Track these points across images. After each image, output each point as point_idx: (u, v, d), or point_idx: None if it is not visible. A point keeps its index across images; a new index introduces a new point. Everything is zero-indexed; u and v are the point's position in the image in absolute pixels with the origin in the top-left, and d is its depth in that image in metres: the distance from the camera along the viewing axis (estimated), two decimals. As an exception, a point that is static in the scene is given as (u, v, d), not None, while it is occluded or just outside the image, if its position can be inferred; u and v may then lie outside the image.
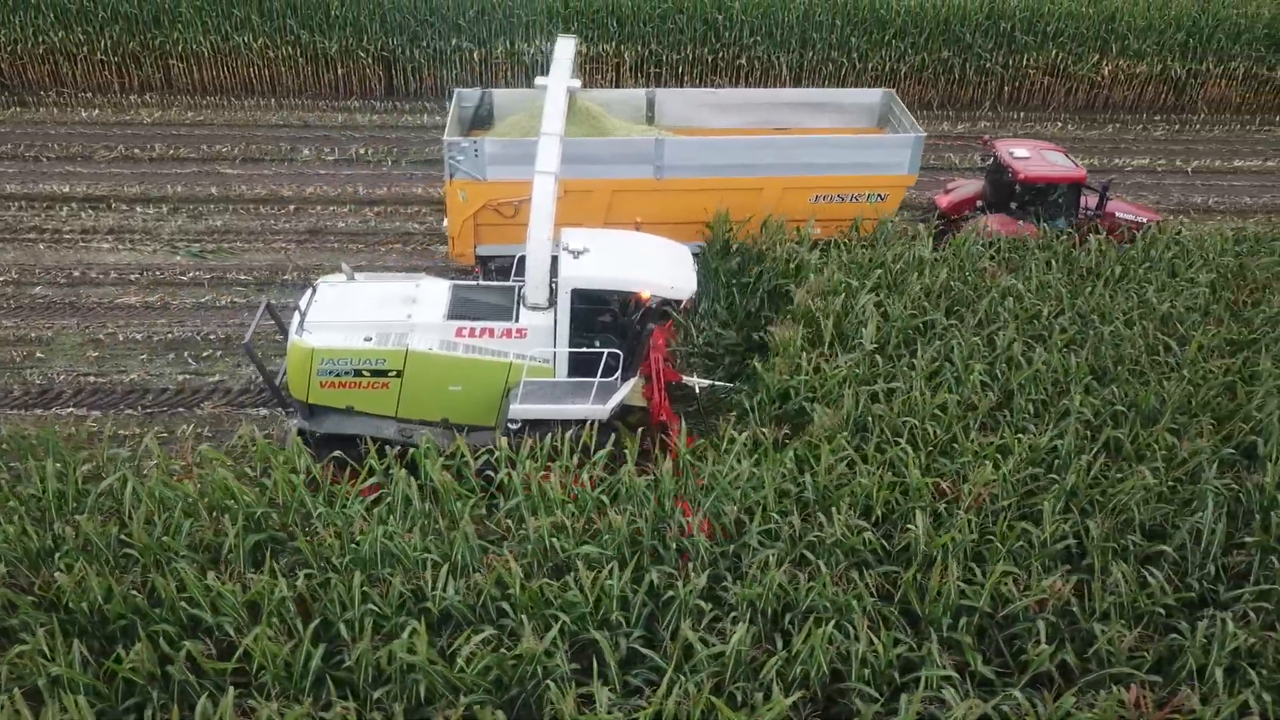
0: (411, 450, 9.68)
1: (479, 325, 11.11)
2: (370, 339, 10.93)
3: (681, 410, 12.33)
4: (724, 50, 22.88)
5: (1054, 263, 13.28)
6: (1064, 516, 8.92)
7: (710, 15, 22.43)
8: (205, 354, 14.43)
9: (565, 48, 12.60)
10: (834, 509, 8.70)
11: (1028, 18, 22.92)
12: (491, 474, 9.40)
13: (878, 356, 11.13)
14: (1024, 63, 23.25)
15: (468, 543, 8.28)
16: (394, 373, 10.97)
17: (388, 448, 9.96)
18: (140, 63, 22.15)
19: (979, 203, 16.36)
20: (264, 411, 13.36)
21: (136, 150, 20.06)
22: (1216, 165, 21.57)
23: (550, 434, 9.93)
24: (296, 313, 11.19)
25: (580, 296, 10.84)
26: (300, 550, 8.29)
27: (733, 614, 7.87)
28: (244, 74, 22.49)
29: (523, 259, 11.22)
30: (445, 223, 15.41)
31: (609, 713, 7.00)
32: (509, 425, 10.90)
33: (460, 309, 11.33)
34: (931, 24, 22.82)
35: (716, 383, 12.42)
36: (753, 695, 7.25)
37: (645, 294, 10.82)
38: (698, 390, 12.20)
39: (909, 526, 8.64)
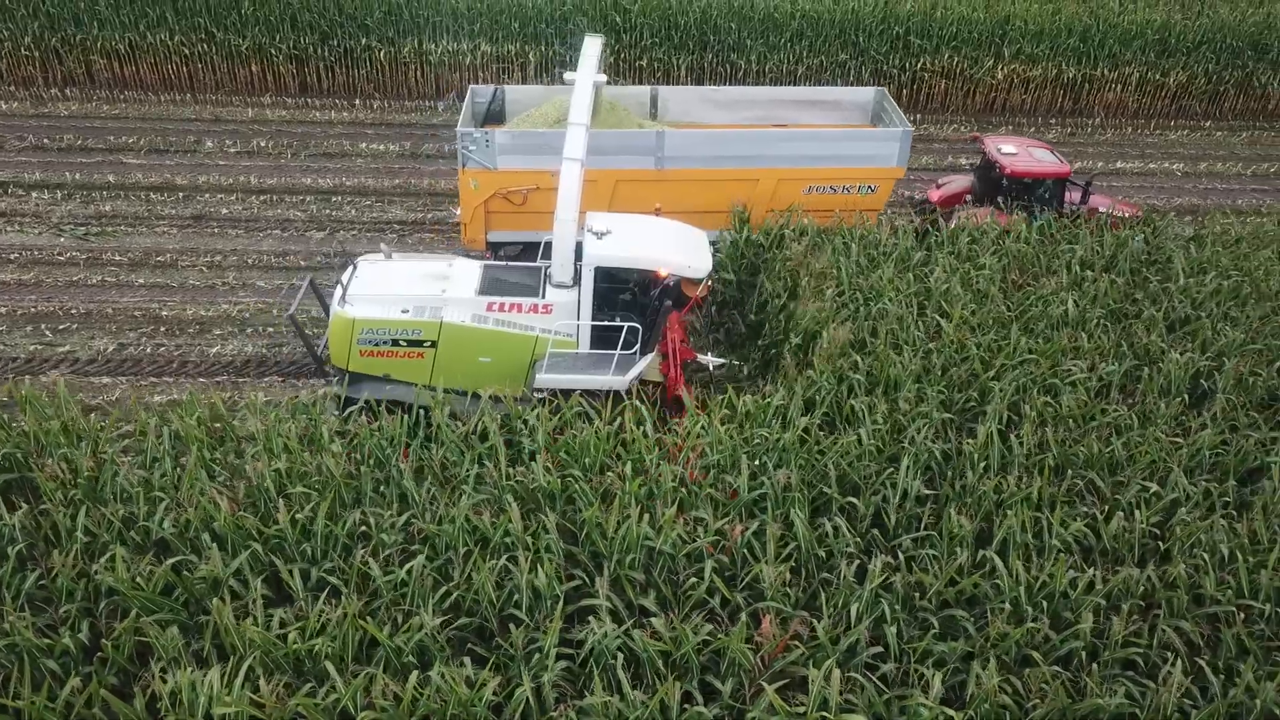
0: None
1: (508, 301, 11.96)
2: (407, 311, 11.80)
3: (696, 385, 12.97)
4: (625, 51, 23.62)
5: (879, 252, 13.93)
6: (759, 468, 9.53)
7: (610, 17, 23.17)
8: (63, 327, 15.20)
9: (593, 45, 13.39)
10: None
11: (920, 22, 23.54)
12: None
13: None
14: (919, 66, 23.87)
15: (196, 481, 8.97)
16: (429, 343, 11.84)
17: None
18: (62, 58, 23.06)
19: (968, 197, 17.09)
20: (107, 380, 14.10)
21: (46, 140, 20.95)
22: (1099, 167, 22.08)
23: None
24: (338, 287, 12.10)
25: (603, 275, 11.71)
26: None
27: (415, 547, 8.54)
28: (162, 70, 23.36)
29: (548, 244, 12.04)
30: (458, 210, 16.23)
31: (280, 625, 7.67)
32: (535, 393, 11.65)
33: (491, 286, 12.21)
34: (827, 28, 23.48)
35: (729, 360, 12.98)
36: (413, 616, 7.88)
37: (664, 272, 11.68)
38: (711, 368, 12.84)
39: (616, 474, 9.30)
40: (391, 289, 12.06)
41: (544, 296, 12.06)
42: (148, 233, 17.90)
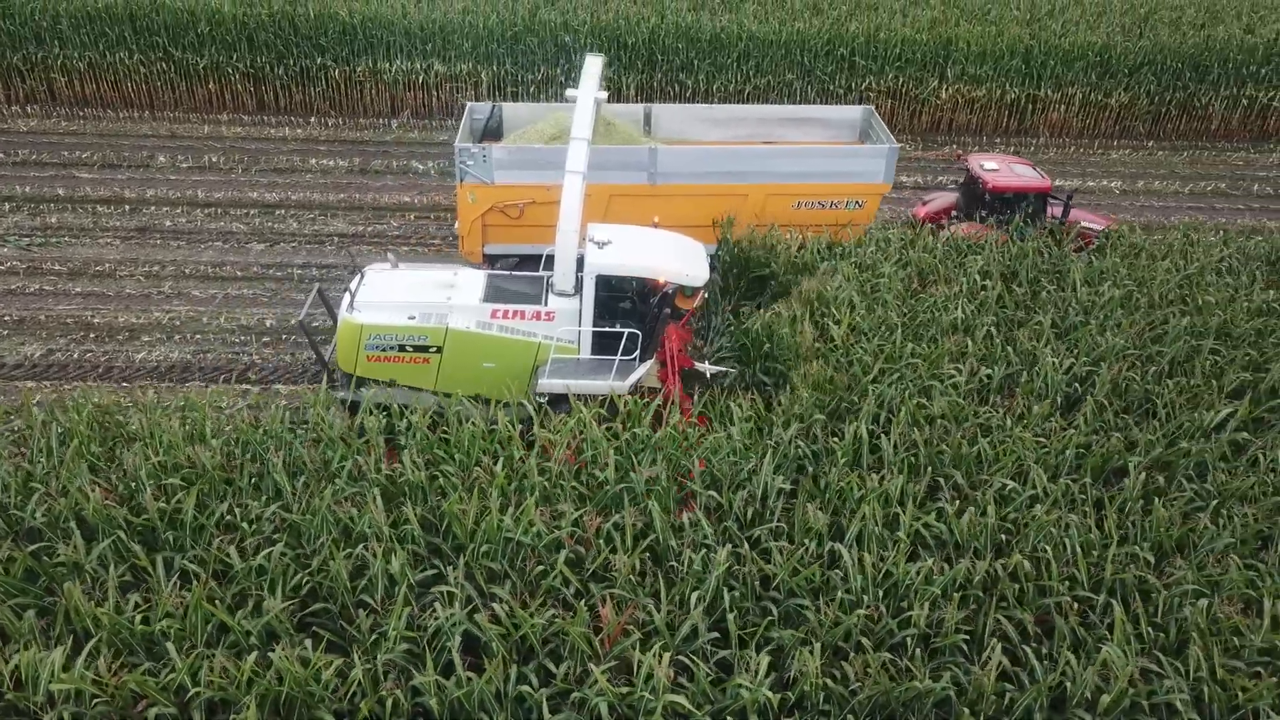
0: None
1: (511, 308, 12.33)
2: (414, 317, 12.16)
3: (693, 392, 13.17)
4: (575, 71, 24.04)
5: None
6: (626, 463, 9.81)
7: (560, 38, 23.66)
8: (-6, 333, 15.58)
9: (594, 64, 13.85)
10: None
11: (865, 43, 24.01)
12: None
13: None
14: (864, 86, 24.31)
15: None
16: (434, 349, 12.19)
17: None
18: (24, 76, 23.57)
19: (954, 212, 17.42)
20: (31, 384, 14.41)
21: (2, 155, 21.39)
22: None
23: None
24: (347, 294, 12.48)
25: (603, 283, 12.09)
26: None
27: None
28: (122, 88, 23.86)
29: (551, 256, 12.47)
30: (456, 224, 16.65)
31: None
32: (537, 398, 11.98)
33: (495, 294, 12.62)
34: (774, 49, 23.96)
35: (726, 369, 13.28)
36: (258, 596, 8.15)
37: (662, 280, 12.06)
38: (709, 375, 13.14)
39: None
40: (398, 296, 12.45)
41: (546, 304, 12.44)
42: (91, 244, 18.27)
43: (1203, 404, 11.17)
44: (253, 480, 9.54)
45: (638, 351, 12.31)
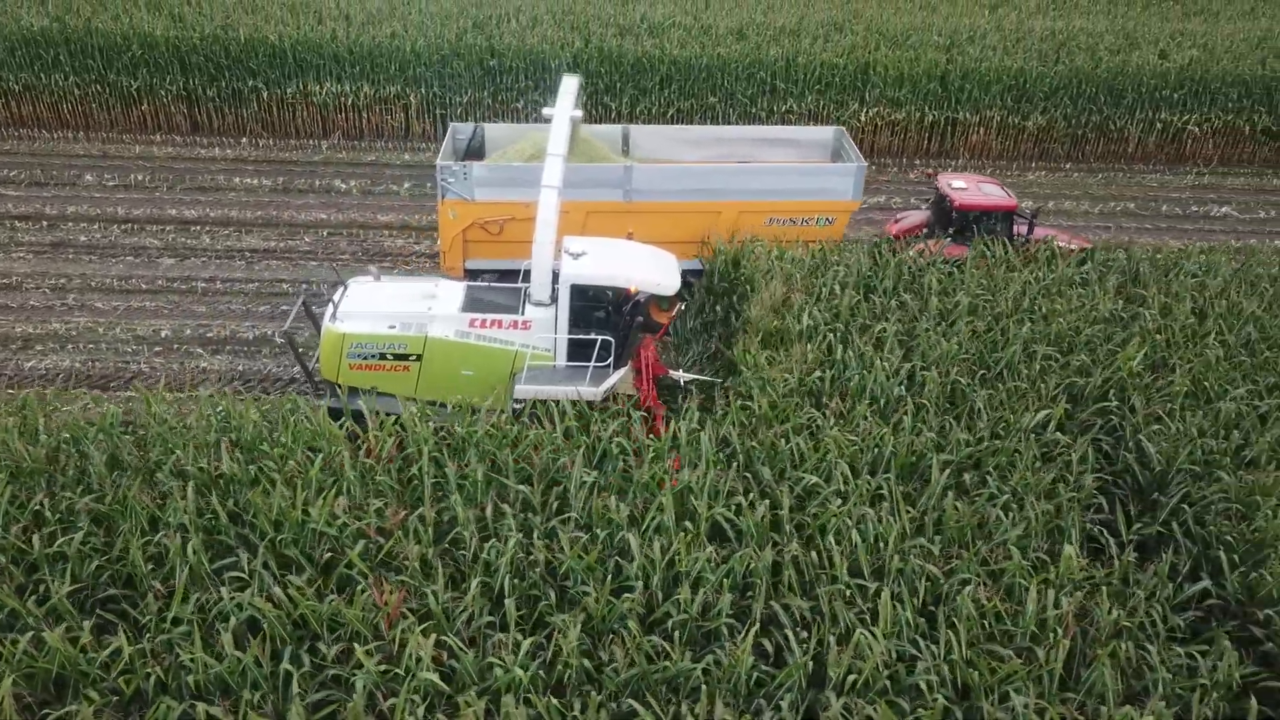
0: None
1: (489, 317, 12.75)
2: (394, 327, 12.59)
3: (666, 399, 13.60)
4: (502, 94, 24.66)
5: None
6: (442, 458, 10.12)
7: (485, 61, 24.24)
8: (-109, 342, 15.92)
9: (569, 84, 14.35)
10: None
11: (785, 67, 24.58)
12: None
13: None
14: (784, 109, 24.85)
15: None
16: (414, 357, 12.59)
17: None
18: (-40, 98, 24.15)
19: (924, 229, 17.91)
20: (-82, 390, 14.74)
21: (-68, 174, 21.90)
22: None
23: None
24: (330, 305, 12.93)
25: (578, 293, 12.50)
26: None
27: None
28: (58, 109, 24.41)
29: (529, 271, 12.93)
30: (438, 240, 17.16)
31: None
32: (514, 404, 12.33)
33: (473, 304, 13.06)
34: (696, 72, 24.52)
35: (699, 376, 13.68)
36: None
37: (634, 289, 12.46)
38: (682, 383, 13.49)
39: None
40: (380, 306, 12.87)
41: (524, 313, 12.85)
42: (3, 258, 18.67)
43: (1030, 406, 11.50)
44: (74, 475, 9.82)
45: (611, 358, 12.67)
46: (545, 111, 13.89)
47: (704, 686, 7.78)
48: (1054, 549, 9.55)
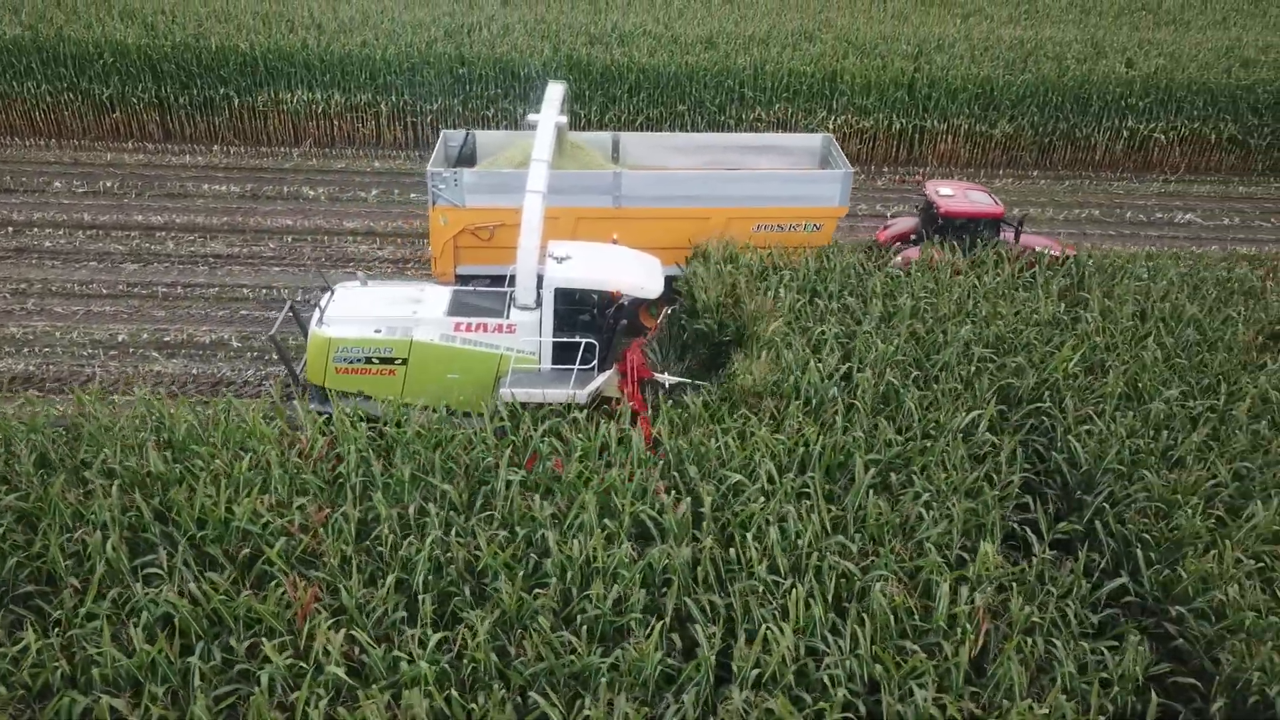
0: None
1: (474, 321, 12.86)
2: (380, 331, 12.70)
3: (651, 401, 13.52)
4: (473, 102, 24.82)
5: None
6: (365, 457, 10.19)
7: (455, 69, 24.41)
8: None
9: (555, 90, 14.47)
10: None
11: (753, 76, 24.76)
12: None
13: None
14: (753, 117, 25.01)
15: None
16: (400, 360, 12.68)
17: None
18: (-67, 106, 24.28)
19: (912, 236, 18.07)
20: None
21: (-99, 180, 22.02)
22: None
23: None
24: (317, 310, 13.04)
25: (562, 296, 12.62)
26: None
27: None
28: (31, 117, 24.54)
29: (512, 276, 13.01)
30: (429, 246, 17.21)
31: None
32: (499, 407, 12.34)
33: (458, 308, 13.18)
34: (665, 80, 24.70)
35: (683, 380, 13.67)
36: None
37: (618, 292, 12.59)
38: (666, 386, 13.48)
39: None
40: (366, 311, 12.96)
41: (508, 317, 12.94)
42: (-34, 262, 18.80)
43: (963, 407, 11.60)
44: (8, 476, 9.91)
45: (595, 361, 12.76)
46: (530, 118, 14.04)
47: (604, 680, 7.83)
48: (975, 547, 9.63)
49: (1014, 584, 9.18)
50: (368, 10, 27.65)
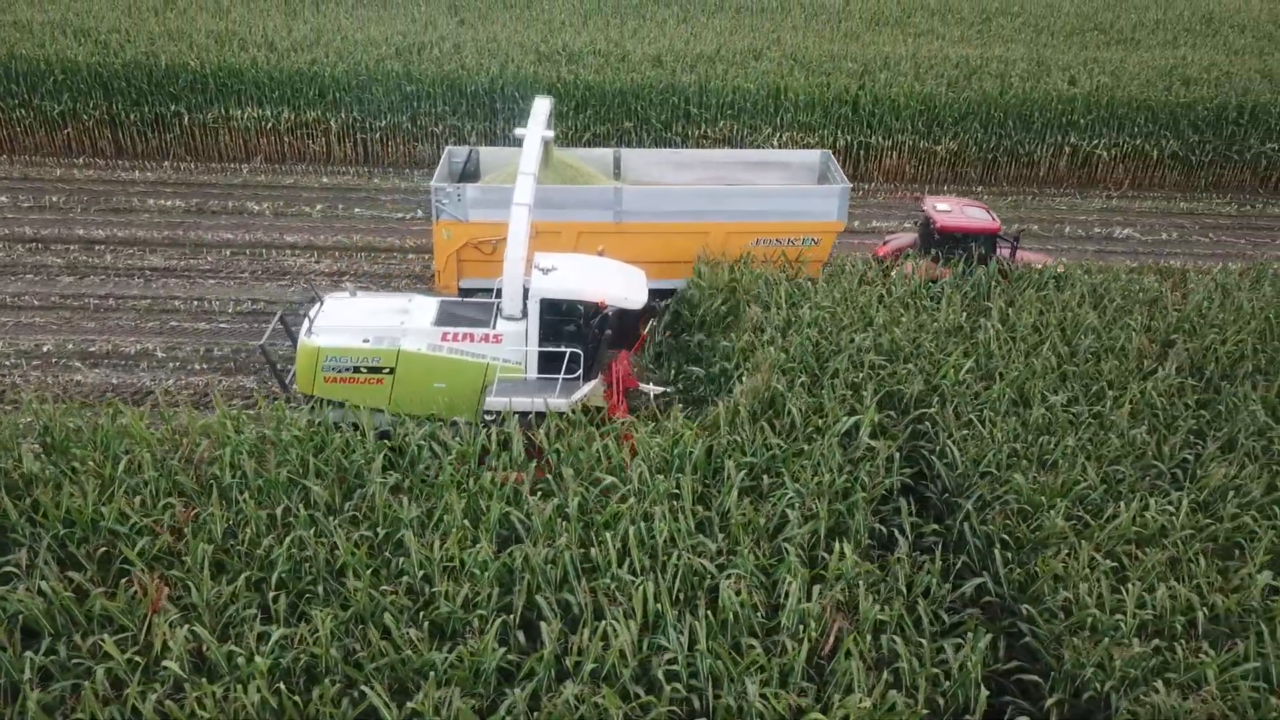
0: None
1: (461, 331, 13.03)
2: (368, 340, 12.86)
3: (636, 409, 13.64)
4: (420, 118, 25.12)
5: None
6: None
7: (403, 86, 24.72)
8: None
9: (541, 105, 14.72)
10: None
11: (698, 92, 25.08)
12: None
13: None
14: (698, 134, 25.32)
15: None
16: (387, 370, 12.82)
17: None
18: (-115, 122, 24.54)
19: (910, 251, 18.29)
20: None
21: None
22: (856, 225, 23.27)
23: None
24: (306, 319, 13.20)
25: (548, 307, 12.80)
26: None
27: None
28: (-18, 134, 24.84)
29: (498, 290, 13.20)
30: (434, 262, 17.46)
31: None
32: (485, 415, 12.55)
33: (445, 319, 13.36)
34: (611, 97, 25.01)
35: (667, 389, 13.88)
36: None
37: (602, 302, 12.78)
38: (652, 396, 13.69)
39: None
40: (354, 321, 13.14)
41: (495, 327, 13.12)
42: (-102, 274, 18.96)
43: (849, 412, 11.76)
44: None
45: (580, 371, 12.90)
46: (517, 132, 14.35)
47: (433, 676, 7.94)
48: (839, 548, 9.75)
49: (869, 584, 9.29)
50: (322, 29, 28.02)
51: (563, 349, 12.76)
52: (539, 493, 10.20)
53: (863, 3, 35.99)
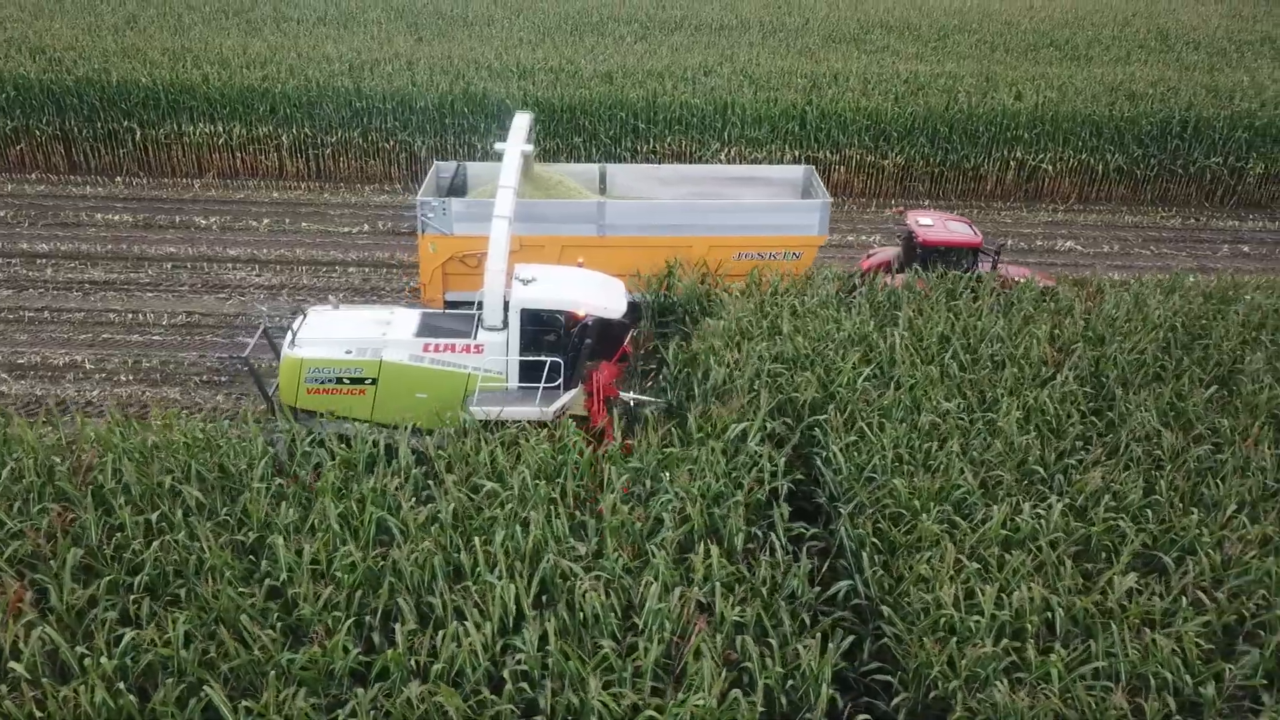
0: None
1: (443, 341, 13.16)
2: (350, 352, 13.01)
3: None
4: (373, 135, 25.36)
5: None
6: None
7: (354, 103, 24.97)
8: None
9: (521, 120, 14.97)
10: None
11: (646, 108, 25.35)
12: None
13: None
14: (647, 148, 25.58)
15: None
16: (370, 380, 12.96)
17: None
18: None
19: (893, 264, 18.46)
20: None
21: None
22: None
23: None
24: (289, 332, 13.35)
25: (528, 317, 12.96)
26: None
27: None
28: (-65, 149, 25.04)
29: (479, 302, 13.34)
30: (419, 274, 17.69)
31: None
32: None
33: (427, 330, 13.53)
34: (559, 113, 25.28)
35: (647, 398, 14.00)
36: None
37: (582, 313, 12.94)
38: (632, 404, 13.82)
39: None
40: (336, 333, 13.29)
41: (476, 338, 13.24)
42: None
43: (741, 419, 11.89)
44: None
45: (560, 380, 13.03)
46: (497, 146, 14.60)
47: (273, 674, 8.03)
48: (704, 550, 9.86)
49: (734, 585, 9.40)
50: (279, 46, 28.30)
51: (543, 359, 12.89)
52: (413, 492, 10.33)
53: (821, 21, 36.40)
